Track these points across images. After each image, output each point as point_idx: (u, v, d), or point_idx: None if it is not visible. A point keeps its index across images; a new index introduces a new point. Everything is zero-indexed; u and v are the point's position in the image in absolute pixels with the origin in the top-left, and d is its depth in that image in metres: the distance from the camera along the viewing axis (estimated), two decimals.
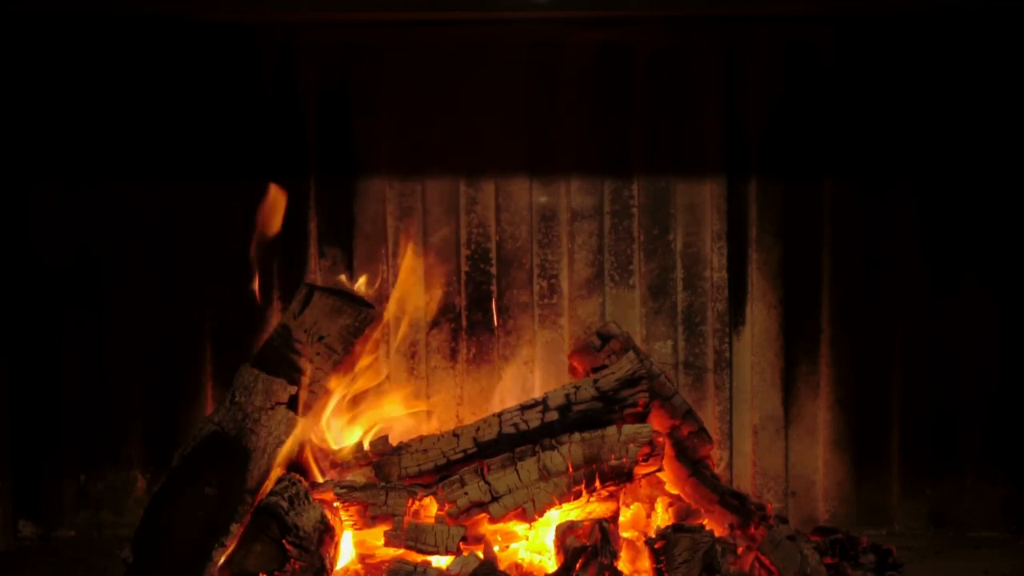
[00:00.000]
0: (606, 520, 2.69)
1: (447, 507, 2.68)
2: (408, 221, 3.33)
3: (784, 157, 3.33)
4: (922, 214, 3.33)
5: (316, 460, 2.90)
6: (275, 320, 3.22)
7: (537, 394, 2.92)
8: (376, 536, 2.72)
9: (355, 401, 3.16)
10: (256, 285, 3.15)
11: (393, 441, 2.92)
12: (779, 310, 3.35)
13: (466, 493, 2.68)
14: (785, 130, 3.32)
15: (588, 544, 2.60)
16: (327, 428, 2.99)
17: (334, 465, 2.89)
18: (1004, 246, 3.33)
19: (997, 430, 3.35)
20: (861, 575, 2.74)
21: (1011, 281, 3.33)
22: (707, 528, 2.72)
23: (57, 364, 3.34)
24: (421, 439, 2.89)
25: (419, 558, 2.64)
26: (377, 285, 3.25)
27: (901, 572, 2.78)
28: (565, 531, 2.65)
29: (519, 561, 2.78)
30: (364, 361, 3.07)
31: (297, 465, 2.86)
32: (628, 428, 2.72)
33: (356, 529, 2.74)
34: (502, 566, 2.66)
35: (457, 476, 2.72)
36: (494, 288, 3.34)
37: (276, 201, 3.12)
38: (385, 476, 2.81)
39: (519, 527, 2.74)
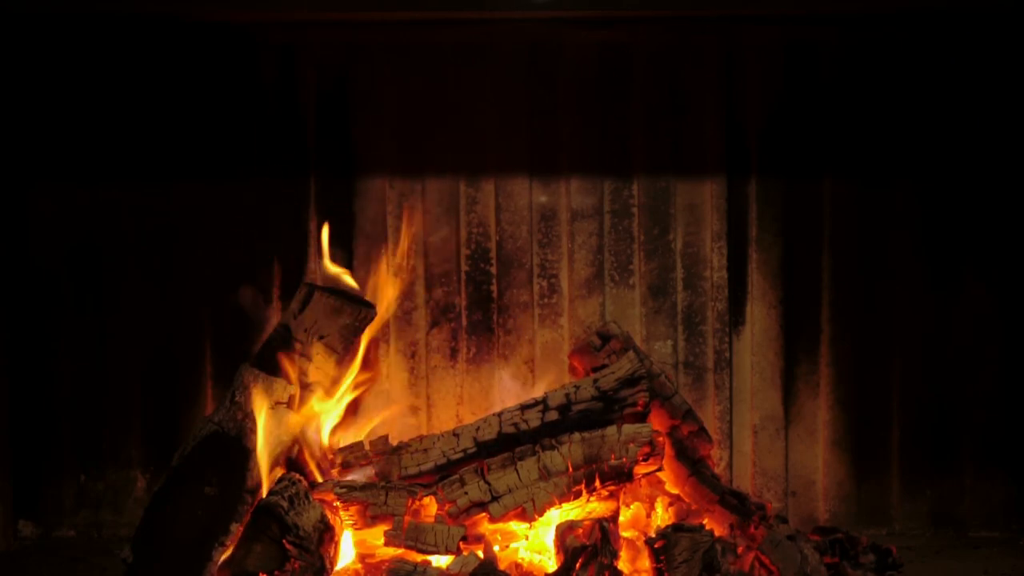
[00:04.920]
0: (606, 520, 2.69)
1: (447, 507, 2.68)
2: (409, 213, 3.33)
3: (784, 157, 3.33)
4: (922, 214, 3.34)
5: (316, 460, 2.90)
6: (275, 320, 3.21)
7: (537, 394, 2.92)
8: (376, 536, 2.72)
9: (355, 401, 3.16)
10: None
11: (393, 441, 2.92)
12: (779, 310, 3.35)
13: (466, 493, 2.68)
14: (785, 130, 3.32)
15: (588, 544, 2.60)
16: (327, 428, 2.99)
17: (334, 465, 2.89)
18: (1004, 246, 3.33)
19: (997, 430, 3.35)
20: (861, 575, 2.74)
21: (1011, 281, 3.33)
22: (707, 528, 2.72)
23: (57, 364, 3.34)
24: (421, 439, 2.89)
25: (419, 558, 2.64)
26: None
27: (901, 572, 2.78)
28: (565, 531, 2.65)
29: (519, 561, 2.78)
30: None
31: (297, 465, 2.86)
32: (628, 428, 2.72)
33: (356, 529, 2.74)
34: (502, 566, 2.66)
35: (457, 476, 2.72)
36: (494, 288, 3.34)
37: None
38: (385, 476, 2.81)
39: (519, 527, 2.74)
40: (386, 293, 3.13)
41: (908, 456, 3.37)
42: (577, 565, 2.58)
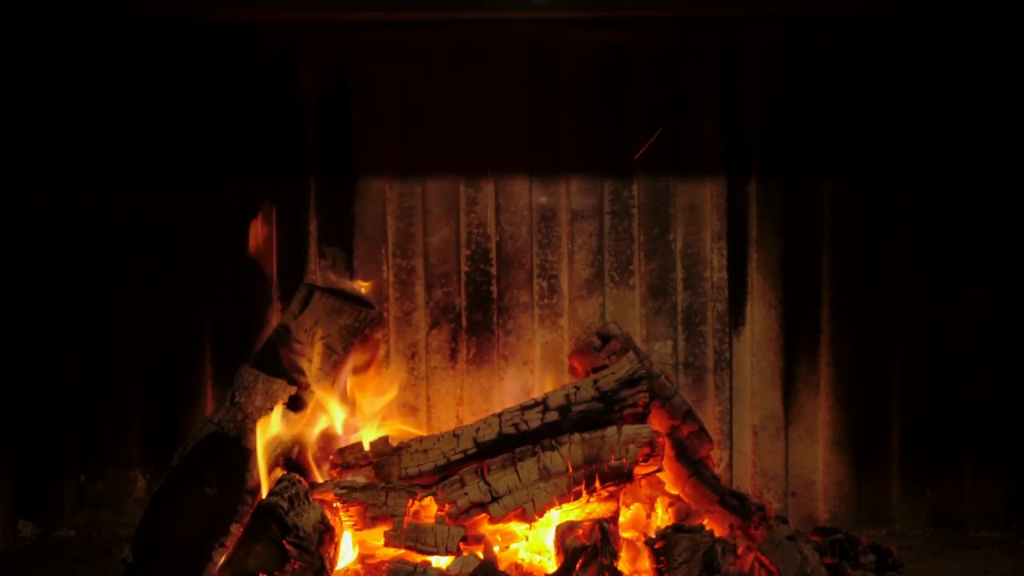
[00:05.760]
0: (606, 520, 2.69)
1: (447, 507, 2.68)
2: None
3: (784, 157, 3.33)
4: (922, 214, 3.34)
5: (316, 460, 2.90)
6: (275, 320, 3.21)
7: (537, 394, 2.92)
8: (376, 536, 2.73)
9: (355, 401, 3.16)
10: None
11: (393, 442, 2.92)
12: (779, 310, 3.35)
13: (466, 493, 2.68)
14: (785, 130, 3.32)
15: (588, 544, 2.60)
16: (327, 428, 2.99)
17: (334, 465, 2.89)
18: (1004, 246, 3.33)
19: (997, 430, 3.35)
20: (861, 575, 2.74)
21: (1011, 281, 3.33)
22: (707, 528, 2.72)
23: (57, 364, 3.34)
24: (421, 439, 2.89)
25: (419, 558, 2.64)
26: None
27: (901, 572, 2.78)
28: (565, 531, 2.65)
29: (519, 561, 2.78)
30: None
31: (297, 465, 2.86)
32: (628, 428, 2.72)
33: (356, 529, 2.74)
34: (502, 566, 2.66)
35: (457, 476, 2.72)
36: (494, 288, 3.34)
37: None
38: (385, 476, 2.81)
39: (519, 527, 2.74)
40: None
41: (908, 456, 3.37)
42: (577, 566, 2.58)
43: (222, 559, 2.64)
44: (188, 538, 2.66)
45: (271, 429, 2.78)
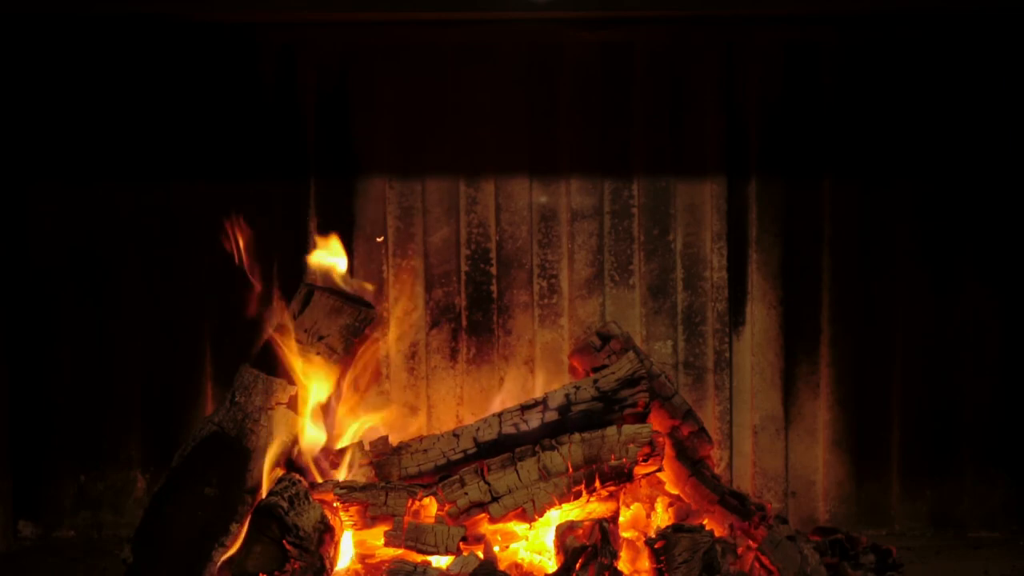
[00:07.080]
0: (606, 520, 2.69)
1: (447, 507, 2.68)
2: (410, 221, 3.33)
3: (784, 157, 3.33)
4: (922, 214, 3.34)
5: (316, 460, 2.91)
6: (275, 320, 3.21)
7: (537, 394, 2.92)
8: (376, 536, 2.73)
9: (355, 402, 3.17)
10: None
11: (393, 441, 2.92)
12: (779, 310, 3.35)
13: (466, 493, 2.68)
14: (785, 130, 3.32)
15: (588, 544, 2.60)
16: (327, 428, 2.99)
17: (334, 465, 2.89)
18: (1004, 246, 3.33)
19: (997, 430, 3.35)
20: (861, 575, 2.74)
21: (1011, 281, 3.33)
22: (707, 528, 2.72)
23: (57, 364, 3.34)
24: (421, 439, 2.89)
25: (419, 558, 2.64)
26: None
27: (901, 572, 2.79)
28: (565, 531, 2.65)
29: (519, 561, 2.78)
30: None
31: (297, 465, 2.86)
32: (628, 428, 2.72)
33: (356, 529, 2.74)
34: (502, 566, 2.66)
35: (457, 476, 2.72)
36: (494, 288, 3.34)
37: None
38: (385, 476, 2.81)
39: (519, 527, 2.74)
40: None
41: (908, 456, 3.37)
42: (577, 565, 2.58)
43: (222, 559, 2.64)
44: (188, 538, 2.67)
45: (271, 429, 2.78)
